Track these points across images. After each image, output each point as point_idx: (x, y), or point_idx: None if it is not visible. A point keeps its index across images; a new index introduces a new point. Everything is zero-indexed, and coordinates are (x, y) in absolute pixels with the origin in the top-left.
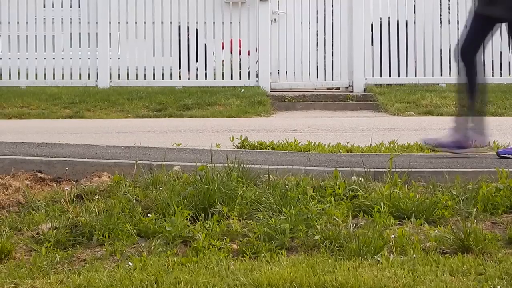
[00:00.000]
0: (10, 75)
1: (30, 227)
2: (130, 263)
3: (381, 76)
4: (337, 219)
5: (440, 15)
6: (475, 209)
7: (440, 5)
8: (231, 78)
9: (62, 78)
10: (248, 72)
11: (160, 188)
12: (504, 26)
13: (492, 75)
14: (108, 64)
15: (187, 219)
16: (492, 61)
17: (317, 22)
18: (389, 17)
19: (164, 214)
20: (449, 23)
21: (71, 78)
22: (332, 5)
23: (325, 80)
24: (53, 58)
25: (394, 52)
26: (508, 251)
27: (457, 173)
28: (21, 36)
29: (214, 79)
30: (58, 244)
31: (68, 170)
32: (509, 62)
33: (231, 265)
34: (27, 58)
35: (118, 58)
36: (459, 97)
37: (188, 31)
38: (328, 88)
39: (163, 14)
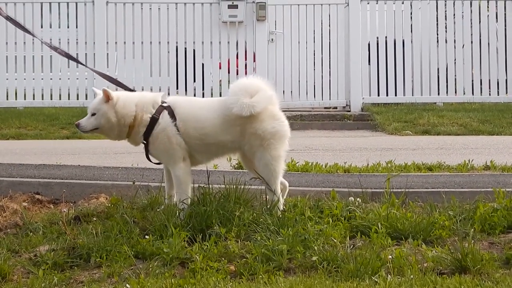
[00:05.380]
0: (7, 96)
1: (27, 249)
2: (127, 285)
3: (378, 95)
4: (335, 240)
5: (437, 34)
6: (472, 229)
7: (437, 24)
8: None
9: (60, 98)
10: None
11: (158, 210)
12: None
13: (489, 94)
14: (105, 84)
15: (184, 241)
16: (489, 80)
17: (314, 42)
18: (386, 37)
19: (161, 235)
20: (446, 42)
21: (69, 99)
22: (329, 25)
23: (322, 99)
24: (51, 79)
25: (391, 71)
26: (506, 271)
27: (454, 193)
28: (18, 57)
29: None
30: (56, 266)
31: (65, 192)
32: (506, 81)
33: (228, 286)
34: (25, 79)
35: (116, 78)
36: None
37: (185, 52)
38: (325, 108)
39: (160, 34)
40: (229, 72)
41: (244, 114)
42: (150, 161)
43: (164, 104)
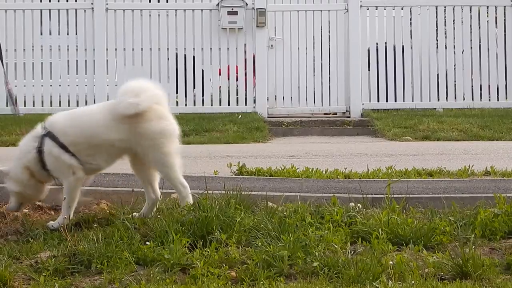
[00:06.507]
0: (7, 103)
1: (28, 255)
2: None
3: (378, 101)
4: (336, 246)
5: (437, 40)
6: (473, 235)
7: (437, 30)
8: (228, 104)
9: (60, 105)
10: (245, 98)
11: (158, 216)
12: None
13: (489, 100)
14: (105, 91)
15: (185, 247)
16: (489, 85)
17: (313, 48)
18: (385, 42)
19: (162, 241)
20: (446, 47)
21: (69, 105)
22: (329, 31)
23: (322, 105)
24: (51, 86)
25: (391, 77)
26: (507, 276)
27: (455, 199)
28: (18, 64)
29: (211, 105)
30: (57, 272)
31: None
32: (506, 87)
33: None
34: (25, 86)
35: (116, 85)
36: None
37: (185, 58)
38: (325, 114)
39: (160, 41)
40: (229, 79)
41: (129, 113)
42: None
43: (44, 132)
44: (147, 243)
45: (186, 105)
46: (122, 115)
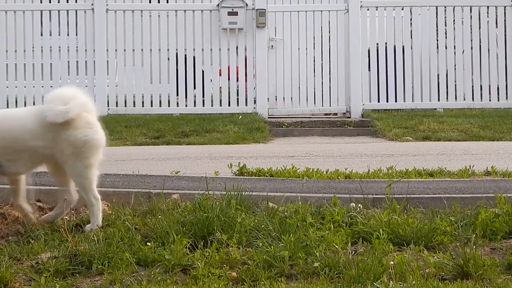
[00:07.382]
0: (7, 104)
1: (29, 256)
2: None
3: (378, 101)
4: (336, 246)
5: (437, 40)
6: (474, 235)
7: (437, 30)
8: (229, 105)
9: None
10: (246, 99)
11: (159, 216)
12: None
13: (489, 100)
14: (105, 92)
15: (186, 247)
16: (489, 85)
17: (314, 48)
18: (386, 43)
19: (163, 242)
20: (446, 48)
21: None
22: (329, 31)
23: (322, 106)
24: (51, 86)
25: (391, 77)
26: (508, 276)
27: (456, 199)
28: (18, 65)
29: (212, 106)
30: (58, 273)
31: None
32: (506, 87)
33: None
34: (25, 86)
35: (116, 86)
36: None
37: (185, 59)
38: (325, 114)
39: (160, 41)
40: (229, 79)
41: (58, 121)
42: None
43: None
44: (148, 243)
45: (186, 105)
46: (51, 122)
